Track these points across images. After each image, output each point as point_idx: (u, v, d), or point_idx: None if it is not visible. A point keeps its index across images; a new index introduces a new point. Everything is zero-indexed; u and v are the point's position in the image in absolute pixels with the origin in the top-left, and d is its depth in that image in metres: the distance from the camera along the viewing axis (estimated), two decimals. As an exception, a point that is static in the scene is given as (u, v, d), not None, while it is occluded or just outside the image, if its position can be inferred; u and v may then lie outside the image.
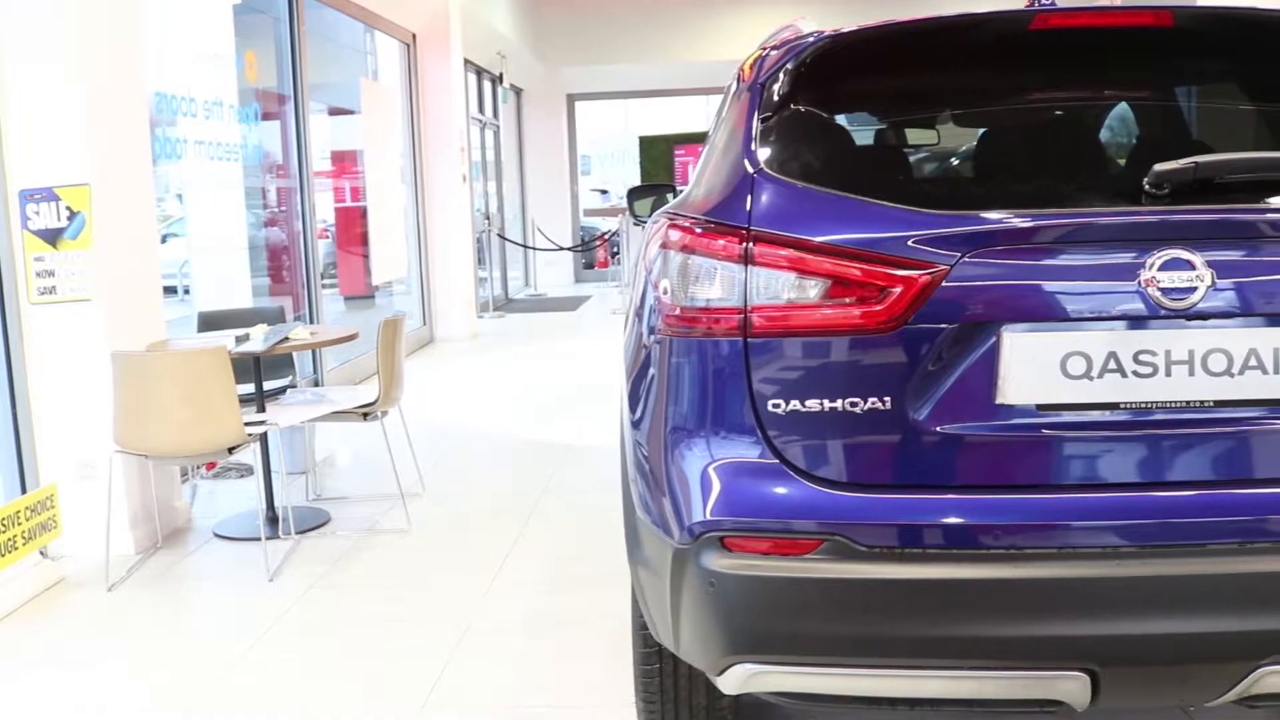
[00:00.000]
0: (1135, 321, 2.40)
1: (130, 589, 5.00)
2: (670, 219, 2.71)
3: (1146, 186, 2.48)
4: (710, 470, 2.53)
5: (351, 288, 12.69)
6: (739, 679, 2.55)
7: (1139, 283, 2.38)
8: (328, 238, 13.53)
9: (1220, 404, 2.44)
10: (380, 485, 6.36)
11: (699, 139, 3.00)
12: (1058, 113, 3.26)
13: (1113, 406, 2.44)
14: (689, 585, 2.52)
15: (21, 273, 5.26)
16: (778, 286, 2.47)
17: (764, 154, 2.68)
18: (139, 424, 4.91)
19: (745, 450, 2.51)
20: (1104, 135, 3.17)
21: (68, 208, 5.18)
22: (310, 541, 5.56)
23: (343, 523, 5.86)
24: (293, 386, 6.53)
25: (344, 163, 12.07)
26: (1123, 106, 3.26)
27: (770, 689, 2.61)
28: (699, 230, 2.58)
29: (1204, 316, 2.40)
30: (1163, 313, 2.38)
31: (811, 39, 2.87)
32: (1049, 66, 3.02)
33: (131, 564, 5.28)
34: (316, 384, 9.21)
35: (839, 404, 2.46)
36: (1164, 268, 2.37)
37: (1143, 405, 2.44)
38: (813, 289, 2.45)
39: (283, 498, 5.78)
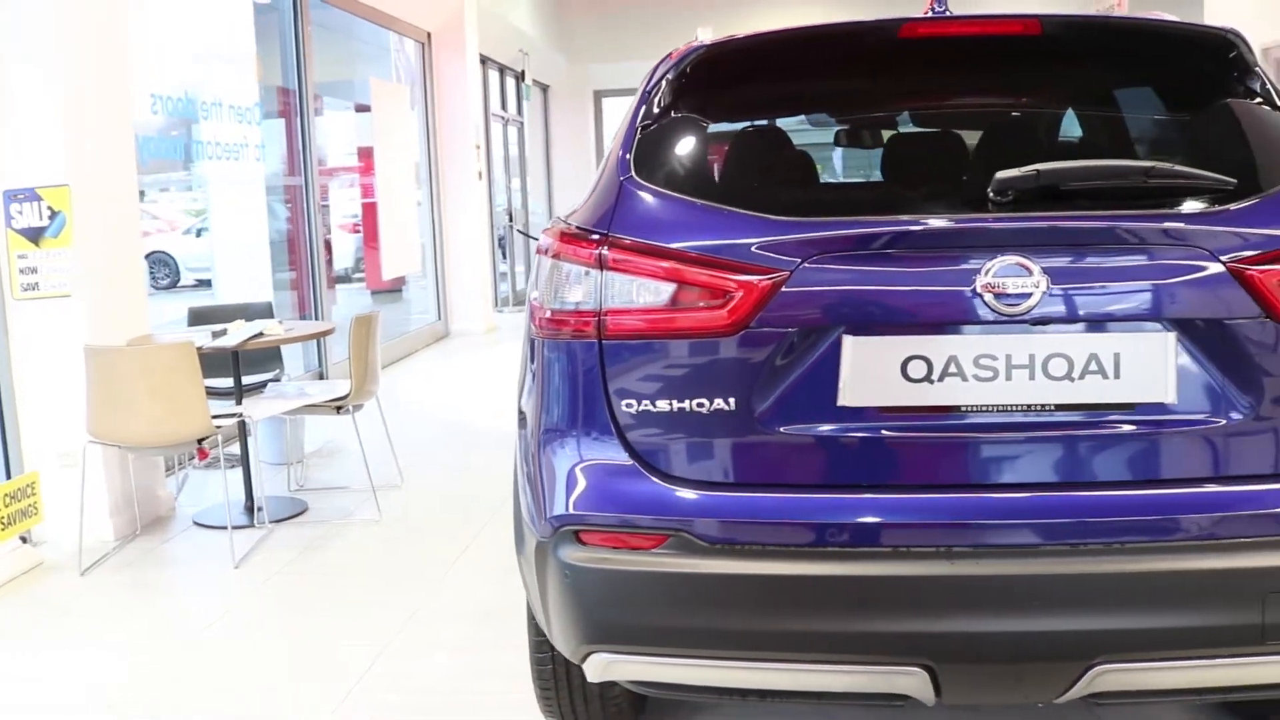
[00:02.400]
0: (973, 326, 2.48)
1: (103, 573, 5.19)
2: (551, 226, 2.82)
3: (991, 194, 2.56)
4: (569, 466, 2.65)
5: (377, 282, 12.90)
6: (598, 668, 2.66)
7: (975, 288, 2.45)
8: (359, 233, 13.79)
9: (1062, 408, 2.51)
10: (364, 477, 6.50)
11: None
12: (923, 121, 3.34)
13: (954, 409, 2.52)
14: (550, 576, 2.64)
15: (6, 270, 5.45)
16: (629, 291, 2.57)
17: (637, 161, 2.79)
18: (110, 415, 5.09)
19: (602, 448, 2.62)
20: (970, 142, 3.24)
21: (49, 207, 5.36)
22: (283, 530, 5.72)
23: (319, 513, 6.02)
24: (275, 380, 6.68)
25: (362, 160, 12.26)
26: (992, 113, 3.33)
27: (628, 678, 2.72)
28: (567, 236, 2.69)
29: (1043, 322, 2.47)
30: (999, 318, 2.45)
31: (692, 49, 2.97)
32: (921, 75, 3.10)
33: (108, 550, 5.46)
34: (321, 377, 9.38)
35: (686, 404, 2.56)
36: (1000, 274, 2.44)
37: (984, 408, 2.51)
38: (660, 293, 2.55)
39: (259, 488, 5.93)
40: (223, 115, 8.03)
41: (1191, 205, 2.56)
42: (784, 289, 2.49)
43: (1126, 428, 2.52)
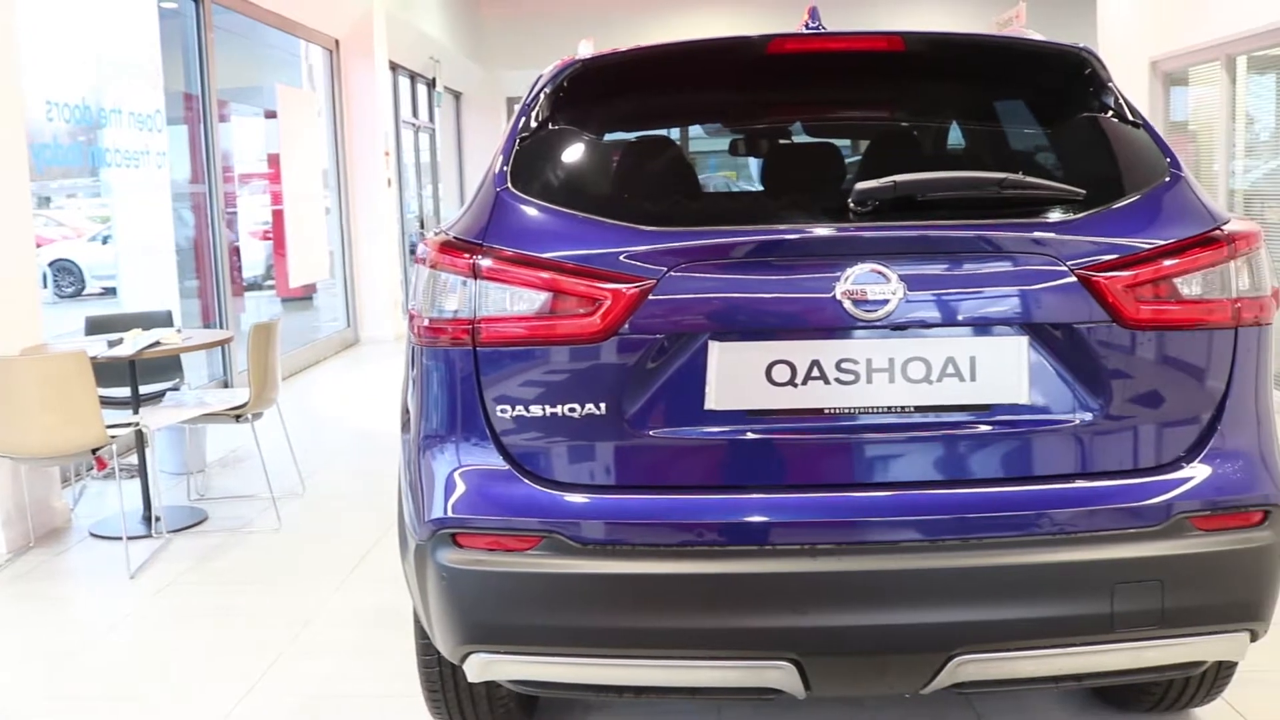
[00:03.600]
0: (834, 332, 2.58)
1: (-6, 586, 5.14)
2: (431, 236, 2.88)
3: (851, 204, 2.66)
4: (446, 471, 2.70)
5: (287, 289, 12.83)
6: (477, 668, 2.72)
7: (835, 295, 2.54)
8: (270, 240, 13.68)
9: (921, 409, 2.62)
10: (278, 486, 6.46)
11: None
12: (793, 133, 3.43)
13: (817, 412, 2.61)
14: (430, 579, 2.70)
15: (-107, 278, 5.37)
16: (503, 300, 2.64)
17: (515, 173, 2.86)
18: (1, 426, 5.04)
19: (478, 452, 2.68)
20: (842, 154, 3.34)
21: (-65, 215, 5.30)
22: (182, 540, 5.69)
23: (219, 522, 6.00)
24: (175, 389, 6.65)
25: (272, 166, 12.17)
26: (862, 127, 3.44)
27: (507, 677, 2.77)
28: (443, 247, 2.74)
29: (901, 327, 2.57)
30: (858, 323, 2.56)
31: (568, 64, 3.04)
32: (790, 89, 3.20)
33: (1, 562, 5.40)
34: (226, 385, 9.32)
35: (559, 410, 2.63)
36: (858, 281, 2.54)
37: (846, 411, 2.61)
38: (532, 301, 2.62)
39: (156, 497, 5.89)
40: (124, 122, 7.97)
41: (1043, 215, 2.69)
42: (651, 297, 2.57)
43: (983, 428, 2.63)
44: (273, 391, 6.00)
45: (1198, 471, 2.66)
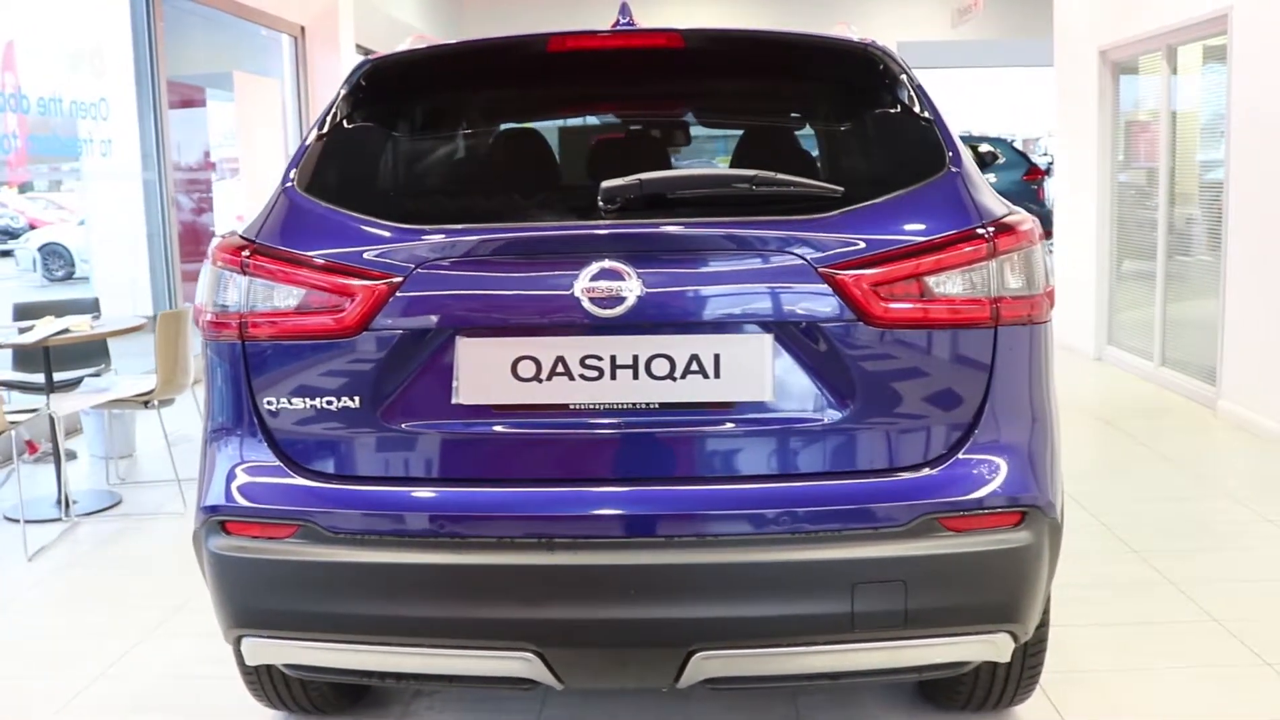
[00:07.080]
0: (574, 329, 2.64)
1: (-105, 568, 5.26)
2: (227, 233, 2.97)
3: (600, 202, 2.71)
4: (219, 459, 2.82)
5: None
6: (249, 651, 2.83)
7: (574, 292, 2.60)
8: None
9: (665, 406, 2.67)
10: (189, 471, 6.52)
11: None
12: (563, 130, 3.49)
13: (562, 408, 2.68)
14: (205, 564, 2.81)
15: None
16: (268, 295, 2.73)
17: (302, 171, 2.93)
18: (-101, 412, 5.17)
19: (246, 442, 2.79)
20: (604, 151, 3.39)
21: None
22: (90, 524, 5.82)
23: (131, 506, 6.12)
24: (95, 375, 6.76)
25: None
26: (645, 124, 3.48)
27: (277, 661, 2.88)
28: (223, 243, 2.84)
29: (641, 324, 2.62)
30: (597, 321, 2.61)
31: (363, 63, 3.12)
32: (576, 86, 3.25)
33: (-93, 545, 5.54)
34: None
35: (317, 402, 2.73)
36: (597, 278, 2.59)
37: (591, 407, 2.68)
38: (290, 297, 2.71)
39: (76, 481, 6.00)
40: (79, 111, 8.20)
41: (794, 213, 2.69)
42: (398, 293, 2.65)
43: (726, 425, 2.68)
44: (183, 378, 6.10)
45: (949, 472, 2.65)
